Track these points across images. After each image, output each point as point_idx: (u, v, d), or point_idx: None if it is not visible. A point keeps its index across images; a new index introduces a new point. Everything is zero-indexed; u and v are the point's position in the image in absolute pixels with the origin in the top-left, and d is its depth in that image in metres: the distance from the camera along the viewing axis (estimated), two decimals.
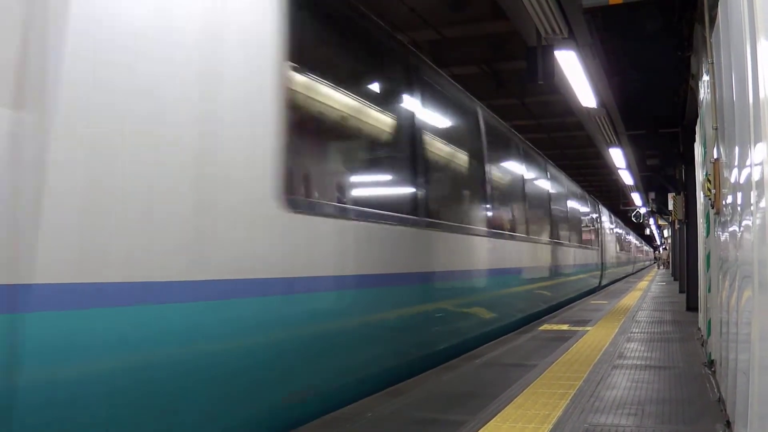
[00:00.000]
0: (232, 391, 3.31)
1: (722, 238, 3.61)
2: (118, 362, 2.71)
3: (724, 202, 3.48)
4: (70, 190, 2.53)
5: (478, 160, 7.87)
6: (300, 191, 4.24)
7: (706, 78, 4.37)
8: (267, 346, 3.59)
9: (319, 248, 4.07)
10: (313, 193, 4.52)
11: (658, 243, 53.45)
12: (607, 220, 22.07)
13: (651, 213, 27.99)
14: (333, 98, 4.77)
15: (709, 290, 5.00)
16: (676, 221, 12.90)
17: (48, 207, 2.44)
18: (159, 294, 2.88)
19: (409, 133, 5.76)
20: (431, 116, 6.40)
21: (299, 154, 4.18)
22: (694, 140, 6.83)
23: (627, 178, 18.19)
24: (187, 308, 3.04)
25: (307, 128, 4.47)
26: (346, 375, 4.40)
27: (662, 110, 9.14)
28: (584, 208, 17.18)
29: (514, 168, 9.90)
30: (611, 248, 23.08)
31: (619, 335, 7.32)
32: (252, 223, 3.43)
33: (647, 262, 55.35)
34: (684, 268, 11.98)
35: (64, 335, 2.50)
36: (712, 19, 3.77)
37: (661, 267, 40.93)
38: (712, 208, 3.86)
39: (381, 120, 5.59)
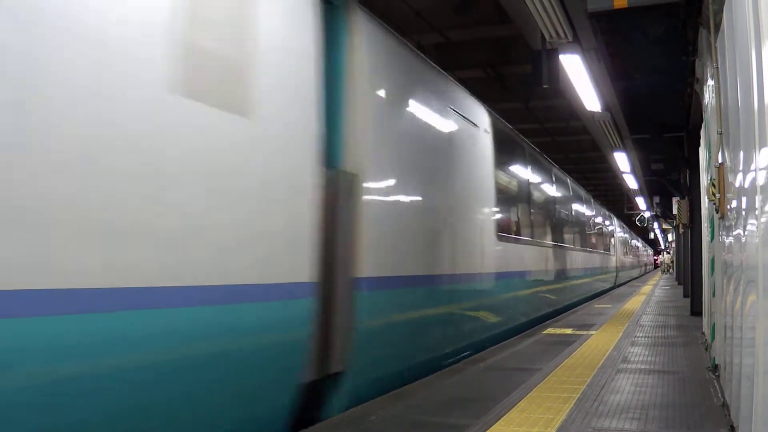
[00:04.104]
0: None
1: (727, 243, 3.60)
2: None
3: (728, 207, 3.48)
4: None
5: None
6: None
7: (711, 82, 4.37)
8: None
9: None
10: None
11: (662, 247, 53.27)
12: (643, 247, 45.26)
13: (655, 217, 27.98)
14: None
15: (714, 294, 5.00)
16: (681, 225, 12.87)
17: None
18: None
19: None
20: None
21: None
22: (699, 144, 6.83)
23: (631, 182, 18.17)
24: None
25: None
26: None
27: (667, 114, 9.10)
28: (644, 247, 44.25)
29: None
30: (644, 258, 47.54)
31: (623, 339, 7.31)
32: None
33: (650, 267, 55.96)
34: (688, 272, 11.97)
35: None
36: (717, 24, 3.77)
37: (665, 272, 40.74)
38: (717, 212, 3.86)
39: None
